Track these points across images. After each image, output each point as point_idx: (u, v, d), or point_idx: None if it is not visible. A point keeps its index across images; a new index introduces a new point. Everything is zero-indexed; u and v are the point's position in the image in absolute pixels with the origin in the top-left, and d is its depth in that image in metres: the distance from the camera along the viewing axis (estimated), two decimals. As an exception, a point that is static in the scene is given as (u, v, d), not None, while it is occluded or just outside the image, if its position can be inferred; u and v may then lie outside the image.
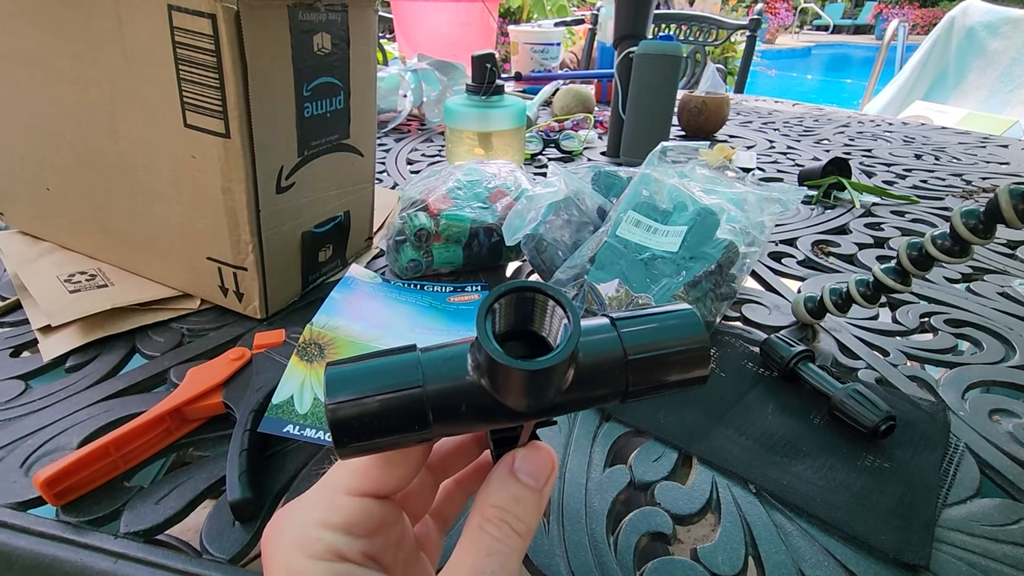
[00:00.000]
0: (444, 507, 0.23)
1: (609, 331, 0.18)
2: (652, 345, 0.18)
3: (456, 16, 1.42)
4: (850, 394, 0.35)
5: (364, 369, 0.17)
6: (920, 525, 0.29)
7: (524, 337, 0.18)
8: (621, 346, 0.18)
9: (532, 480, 0.18)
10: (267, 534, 0.18)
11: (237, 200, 0.39)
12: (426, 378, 0.17)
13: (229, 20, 0.33)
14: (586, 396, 0.18)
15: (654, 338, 0.18)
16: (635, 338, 0.18)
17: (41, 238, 0.52)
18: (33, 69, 0.42)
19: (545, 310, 0.17)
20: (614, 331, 0.18)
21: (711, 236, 0.43)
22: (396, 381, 0.17)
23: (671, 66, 0.80)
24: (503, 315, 0.17)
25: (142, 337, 0.42)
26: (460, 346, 0.18)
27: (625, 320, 0.18)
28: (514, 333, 0.18)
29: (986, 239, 0.34)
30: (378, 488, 0.18)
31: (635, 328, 0.18)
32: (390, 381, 0.17)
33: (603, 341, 0.18)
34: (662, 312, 0.19)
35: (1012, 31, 2.25)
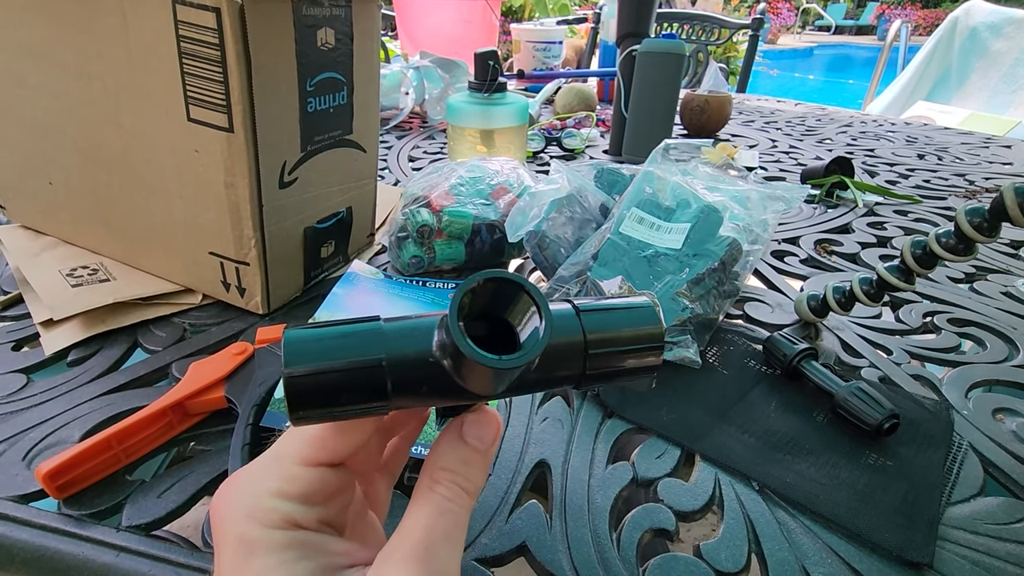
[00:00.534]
0: (390, 461, 0.23)
1: (572, 318, 0.18)
2: (611, 335, 0.19)
3: (458, 14, 1.41)
4: (853, 392, 0.35)
5: (325, 337, 0.17)
6: (924, 523, 0.29)
7: (490, 319, 0.17)
8: (582, 334, 0.18)
9: (480, 443, 0.19)
10: (216, 504, 0.18)
11: (240, 195, 0.39)
12: (388, 353, 0.17)
13: (233, 14, 0.33)
14: (544, 379, 0.19)
15: (613, 327, 0.19)
16: (596, 326, 0.18)
17: (44, 232, 0.52)
18: (37, 63, 0.42)
19: (519, 305, 0.17)
20: (577, 320, 0.18)
21: (714, 233, 0.43)
22: (357, 353, 0.16)
23: (674, 64, 0.80)
24: (476, 301, 0.17)
25: (144, 331, 0.42)
26: (425, 320, 0.17)
27: (588, 311, 0.19)
28: (482, 313, 0.17)
29: (991, 237, 0.34)
30: (332, 457, 0.18)
31: (596, 317, 0.19)
32: (351, 353, 0.16)
33: (566, 328, 0.18)
34: (622, 305, 0.20)
35: (1015, 32, 2.25)
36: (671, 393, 0.38)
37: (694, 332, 0.40)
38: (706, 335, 0.42)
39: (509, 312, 0.17)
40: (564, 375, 0.18)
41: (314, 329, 0.17)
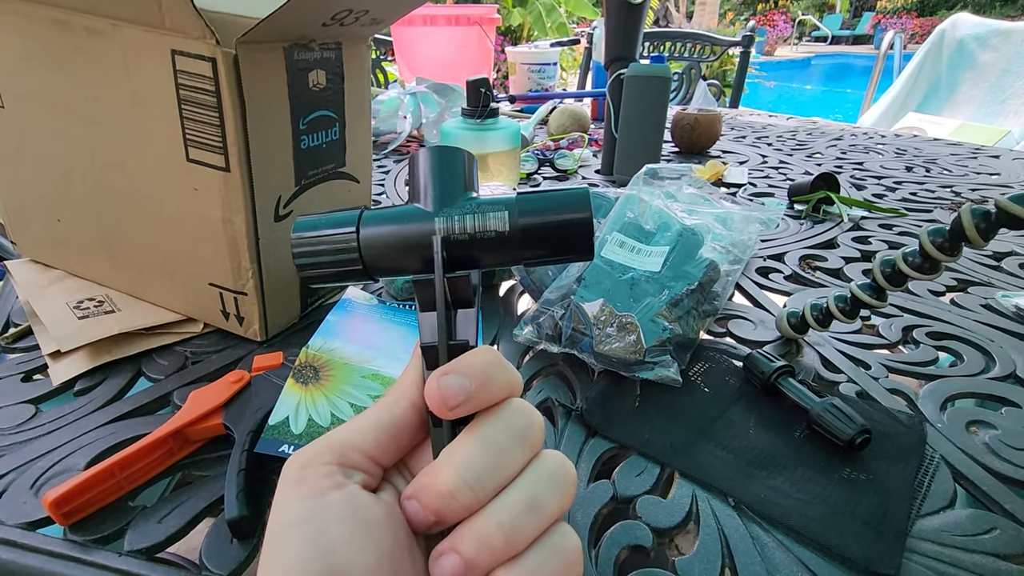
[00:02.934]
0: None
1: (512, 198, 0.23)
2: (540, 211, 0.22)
3: (454, 39, 1.45)
4: (827, 408, 0.36)
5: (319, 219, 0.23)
6: (891, 535, 0.30)
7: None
8: (516, 207, 0.22)
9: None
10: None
11: (237, 229, 0.41)
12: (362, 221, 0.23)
13: (228, 63, 0.36)
14: (479, 237, 0.22)
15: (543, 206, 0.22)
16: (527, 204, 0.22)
17: (52, 266, 0.54)
18: (46, 109, 0.44)
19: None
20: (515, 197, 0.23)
21: (693, 256, 0.45)
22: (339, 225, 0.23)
23: (660, 87, 0.82)
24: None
25: (147, 361, 0.44)
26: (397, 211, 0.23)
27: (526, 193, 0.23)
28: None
29: (953, 256, 0.36)
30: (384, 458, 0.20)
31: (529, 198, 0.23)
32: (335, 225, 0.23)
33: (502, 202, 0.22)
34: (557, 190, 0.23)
35: (1001, 43, 2.28)
36: (653, 411, 0.39)
37: (674, 352, 0.41)
38: (687, 354, 0.43)
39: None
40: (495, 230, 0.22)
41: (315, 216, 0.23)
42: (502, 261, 0.22)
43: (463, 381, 0.18)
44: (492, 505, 0.17)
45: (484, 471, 0.17)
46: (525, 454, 0.18)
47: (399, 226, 0.22)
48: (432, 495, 0.17)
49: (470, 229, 0.21)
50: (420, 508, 0.18)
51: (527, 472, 0.18)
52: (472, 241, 0.21)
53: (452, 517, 0.17)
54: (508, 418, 0.19)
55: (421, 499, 0.18)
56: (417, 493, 0.18)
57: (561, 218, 0.22)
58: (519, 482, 0.18)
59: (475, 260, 0.22)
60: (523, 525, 0.17)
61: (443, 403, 0.18)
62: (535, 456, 0.19)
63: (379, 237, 0.22)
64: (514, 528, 0.17)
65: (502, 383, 0.19)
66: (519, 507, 0.17)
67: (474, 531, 0.17)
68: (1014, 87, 2.22)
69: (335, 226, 0.22)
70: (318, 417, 0.34)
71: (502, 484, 0.18)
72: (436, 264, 0.21)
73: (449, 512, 0.17)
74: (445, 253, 0.21)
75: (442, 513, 0.17)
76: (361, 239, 0.22)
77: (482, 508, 0.17)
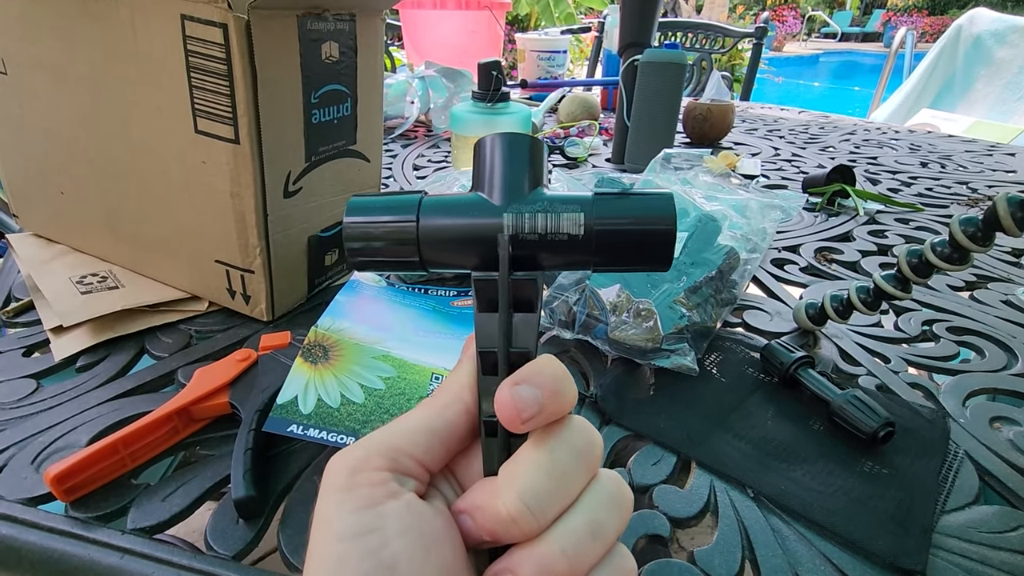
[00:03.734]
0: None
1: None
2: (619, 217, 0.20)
3: (463, 24, 1.43)
4: (849, 400, 0.35)
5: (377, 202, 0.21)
6: (918, 531, 0.29)
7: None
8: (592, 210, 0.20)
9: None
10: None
11: (245, 204, 0.40)
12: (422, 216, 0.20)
13: (240, 30, 0.34)
14: (552, 238, 0.20)
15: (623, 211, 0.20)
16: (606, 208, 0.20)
17: (55, 240, 0.53)
18: (50, 76, 0.43)
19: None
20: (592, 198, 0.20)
21: (712, 242, 0.44)
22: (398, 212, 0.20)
23: (675, 74, 0.81)
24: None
25: (151, 338, 0.43)
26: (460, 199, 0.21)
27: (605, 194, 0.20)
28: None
29: (985, 247, 0.35)
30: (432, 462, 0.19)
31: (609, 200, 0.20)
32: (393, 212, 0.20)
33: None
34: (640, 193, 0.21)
35: (1020, 40, 2.25)
36: (668, 400, 0.38)
37: (691, 340, 0.40)
38: (704, 343, 0.42)
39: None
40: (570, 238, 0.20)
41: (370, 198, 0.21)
42: (571, 265, 0.21)
43: (536, 392, 0.17)
44: (554, 530, 0.16)
45: (547, 497, 0.16)
46: (586, 476, 0.17)
47: (462, 218, 0.20)
48: (490, 517, 0.17)
49: (540, 228, 0.19)
50: (474, 526, 0.17)
51: (587, 495, 0.17)
52: (542, 242, 0.19)
53: (508, 540, 0.17)
54: (571, 437, 0.17)
55: (477, 518, 0.17)
56: (472, 512, 0.17)
57: (643, 226, 0.20)
58: (580, 506, 0.17)
59: (542, 262, 0.20)
60: (586, 552, 0.16)
61: (517, 414, 0.17)
62: (593, 477, 0.18)
63: (440, 229, 0.20)
64: (577, 555, 0.16)
65: (567, 398, 0.17)
66: (582, 534, 0.16)
67: (535, 556, 0.16)
68: (1031, 85, 2.19)
69: (393, 212, 0.20)
70: (327, 397, 0.33)
71: (563, 509, 0.17)
72: (502, 263, 0.19)
73: (507, 536, 0.17)
74: (511, 251, 0.19)
75: (498, 535, 0.17)
76: (421, 229, 0.20)
77: (543, 533, 0.16)
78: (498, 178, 0.20)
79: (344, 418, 0.32)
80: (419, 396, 0.35)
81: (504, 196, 0.20)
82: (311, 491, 0.31)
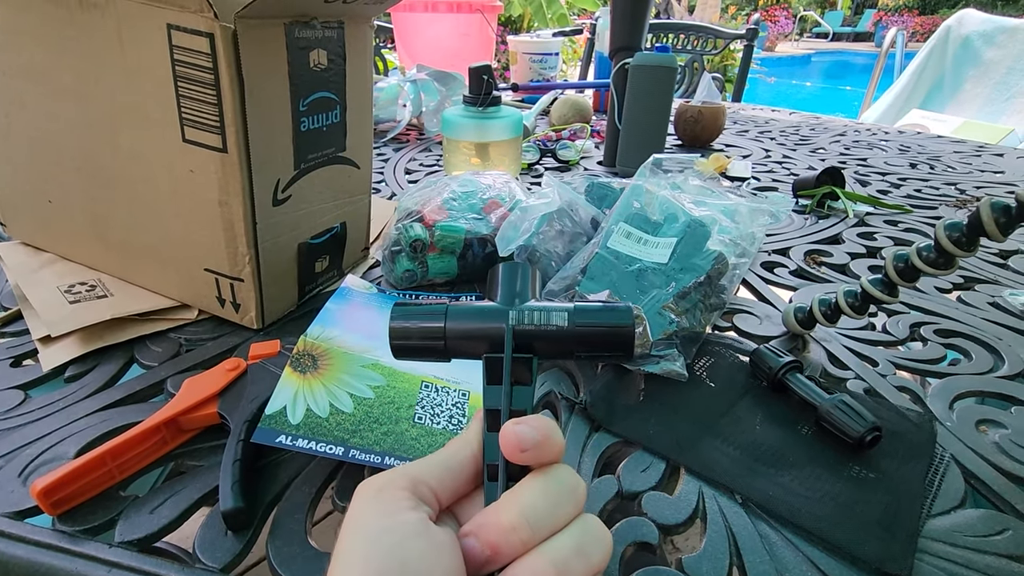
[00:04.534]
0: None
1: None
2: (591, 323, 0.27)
3: (455, 27, 1.43)
4: (836, 404, 0.35)
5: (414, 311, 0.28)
6: (904, 535, 0.29)
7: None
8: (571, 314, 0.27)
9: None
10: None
11: (234, 213, 0.40)
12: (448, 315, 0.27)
13: (226, 39, 0.34)
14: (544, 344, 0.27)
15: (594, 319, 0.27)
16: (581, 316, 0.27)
17: (43, 249, 0.53)
18: (36, 85, 0.43)
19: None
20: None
21: (701, 247, 0.44)
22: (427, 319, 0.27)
23: (666, 77, 0.81)
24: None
25: (140, 347, 0.43)
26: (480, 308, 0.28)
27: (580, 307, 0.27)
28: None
29: (969, 252, 0.35)
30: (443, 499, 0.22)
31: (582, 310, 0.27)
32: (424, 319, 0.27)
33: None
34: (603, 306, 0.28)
35: (1008, 40, 2.27)
36: (658, 406, 0.38)
37: (680, 345, 0.40)
38: (693, 348, 0.42)
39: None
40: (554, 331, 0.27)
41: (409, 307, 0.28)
42: (556, 352, 0.27)
43: (533, 432, 0.21)
44: (544, 545, 0.19)
45: (542, 513, 0.20)
46: (574, 510, 0.21)
47: (478, 319, 0.27)
48: (493, 529, 0.20)
49: (536, 322, 0.26)
50: (478, 543, 0.20)
51: (574, 524, 0.20)
52: (536, 332, 0.26)
53: (508, 553, 0.19)
54: (561, 476, 0.21)
55: (480, 534, 0.20)
56: (477, 530, 0.20)
57: (609, 324, 0.27)
58: (568, 531, 0.20)
59: (536, 348, 0.26)
60: (573, 566, 0.19)
61: (518, 445, 0.21)
62: (579, 514, 0.21)
63: (460, 329, 0.27)
64: (565, 568, 0.19)
65: (557, 444, 0.21)
66: (569, 550, 0.19)
67: (527, 565, 0.19)
68: (1019, 85, 2.21)
69: (426, 319, 0.27)
70: (316, 407, 0.33)
71: (554, 530, 0.20)
72: (507, 344, 0.25)
73: (506, 547, 0.19)
74: (514, 338, 0.26)
75: (499, 548, 0.19)
76: (447, 330, 0.27)
77: (536, 547, 0.19)
78: (505, 290, 0.28)
79: (333, 428, 0.32)
80: (408, 404, 0.35)
81: (508, 302, 0.27)
82: (300, 501, 0.31)
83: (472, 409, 0.36)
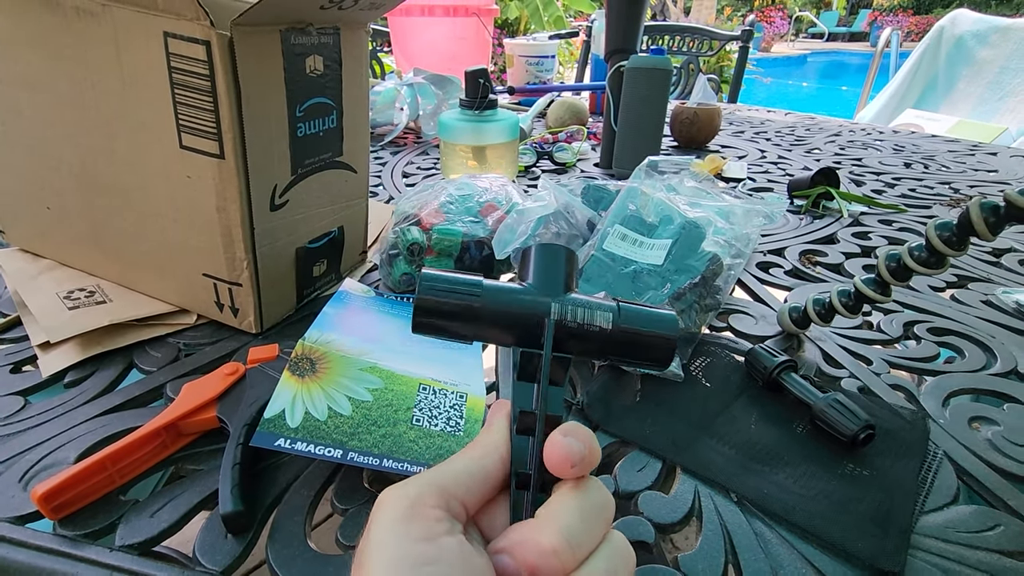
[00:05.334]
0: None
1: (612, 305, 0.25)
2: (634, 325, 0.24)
3: (452, 30, 1.44)
4: (830, 403, 0.36)
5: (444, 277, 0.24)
6: (896, 532, 0.30)
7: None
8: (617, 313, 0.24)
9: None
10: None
11: (232, 218, 0.40)
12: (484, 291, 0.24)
13: (223, 46, 0.35)
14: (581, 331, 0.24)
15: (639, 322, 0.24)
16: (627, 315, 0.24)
17: (41, 255, 0.53)
18: (33, 93, 0.43)
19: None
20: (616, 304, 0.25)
21: (696, 249, 0.44)
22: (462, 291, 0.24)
23: (661, 80, 0.82)
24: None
25: (139, 352, 0.43)
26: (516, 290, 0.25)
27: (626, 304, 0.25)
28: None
29: (960, 251, 0.35)
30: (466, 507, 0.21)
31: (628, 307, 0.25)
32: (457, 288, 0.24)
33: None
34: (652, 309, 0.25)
35: (1000, 40, 2.28)
36: (654, 406, 0.39)
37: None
38: (689, 348, 0.43)
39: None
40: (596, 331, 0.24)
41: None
42: (593, 353, 0.24)
43: (581, 446, 0.19)
44: (582, 570, 0.18)
45: (582, 536, 0.19)
46: (606, 527, 0.20)
47: (516, 302, 0.24)
48: (532, 550, 0.18)
49: (580, 319, 0.24)
50: (513, 563, 0.18)
51: (605, 545, 0.19)
52: (578, 330, 0.23)
53: (546, 572, 0.18)
54: (596, 492, 0.20)
55: (517, 554, 0.18)
56: (513, 548, 0.19)
57: (654, 332, 0.24)
58: (600, 554, 0.19)
59: (572, 348, 0.24)
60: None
61: (568, 459, 0.19)
62: (608, 532, 0.20)
63: (498, 308, 0.24)
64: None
65: (598, 458, 0.20)
66: (602, 574, 0.18)
67: None
68: (1012, 84, 2.22)
69: (459, 290, 0.24)
70: (314, 411, 0.34)
71: (590, 552, 0.19)
72: (547, 341, 0.23)
73: (546, 570, 0.18)
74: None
75: (538, 568, 0.18)
76: (485, 307, 0.24)
77: (573, 572, 0.18)
78: (545, 276, 0.25)
79: (332, 431, 0.33)
80: (406, 407, 0.35)
81: (550, 291, 0.24)
82: (299, 504, 0.31)
83: (470, 411, 0.36)
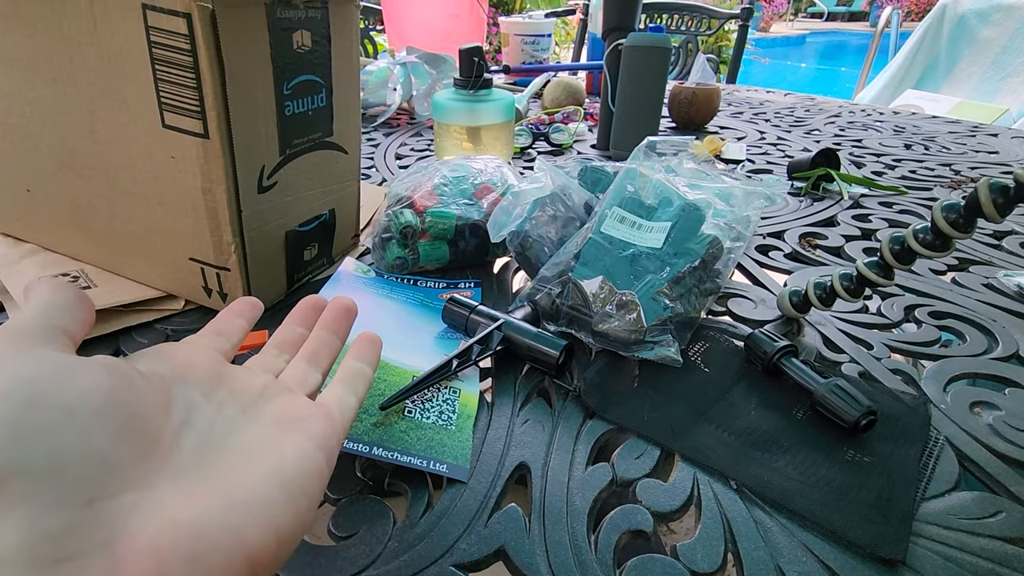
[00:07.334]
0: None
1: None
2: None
3: (446, 8, 1.40)
4: (831, 389, 0.35)
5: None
6: (898, 519, 0.29)
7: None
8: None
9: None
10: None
11: (218, 201, 0.39)
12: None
13: (205, 19, 0.33)
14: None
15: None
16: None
17: (23, 239, 0.52)
18: (8, 68, 0.41)
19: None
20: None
21: (695, 232, 0.43)
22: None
23: (660, 58, 0.80)
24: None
25: (126, 339, 0.42)
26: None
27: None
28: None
29: (967, 233, 0.34)
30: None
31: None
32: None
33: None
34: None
35: (1003, 19, 2.25)
36: (652, 392, 0.38)
37: (675, 331, 0.40)
38: (687, 333, 0.42)
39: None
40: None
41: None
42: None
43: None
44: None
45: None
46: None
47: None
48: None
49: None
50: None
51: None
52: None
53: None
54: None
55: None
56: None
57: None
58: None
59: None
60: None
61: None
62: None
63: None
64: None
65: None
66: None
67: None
68: (1014, 64, 2.19)
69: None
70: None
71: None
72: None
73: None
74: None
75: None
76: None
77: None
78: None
79: (323, 419, 0.32)
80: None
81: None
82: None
83: (463, 407, 0.36)
